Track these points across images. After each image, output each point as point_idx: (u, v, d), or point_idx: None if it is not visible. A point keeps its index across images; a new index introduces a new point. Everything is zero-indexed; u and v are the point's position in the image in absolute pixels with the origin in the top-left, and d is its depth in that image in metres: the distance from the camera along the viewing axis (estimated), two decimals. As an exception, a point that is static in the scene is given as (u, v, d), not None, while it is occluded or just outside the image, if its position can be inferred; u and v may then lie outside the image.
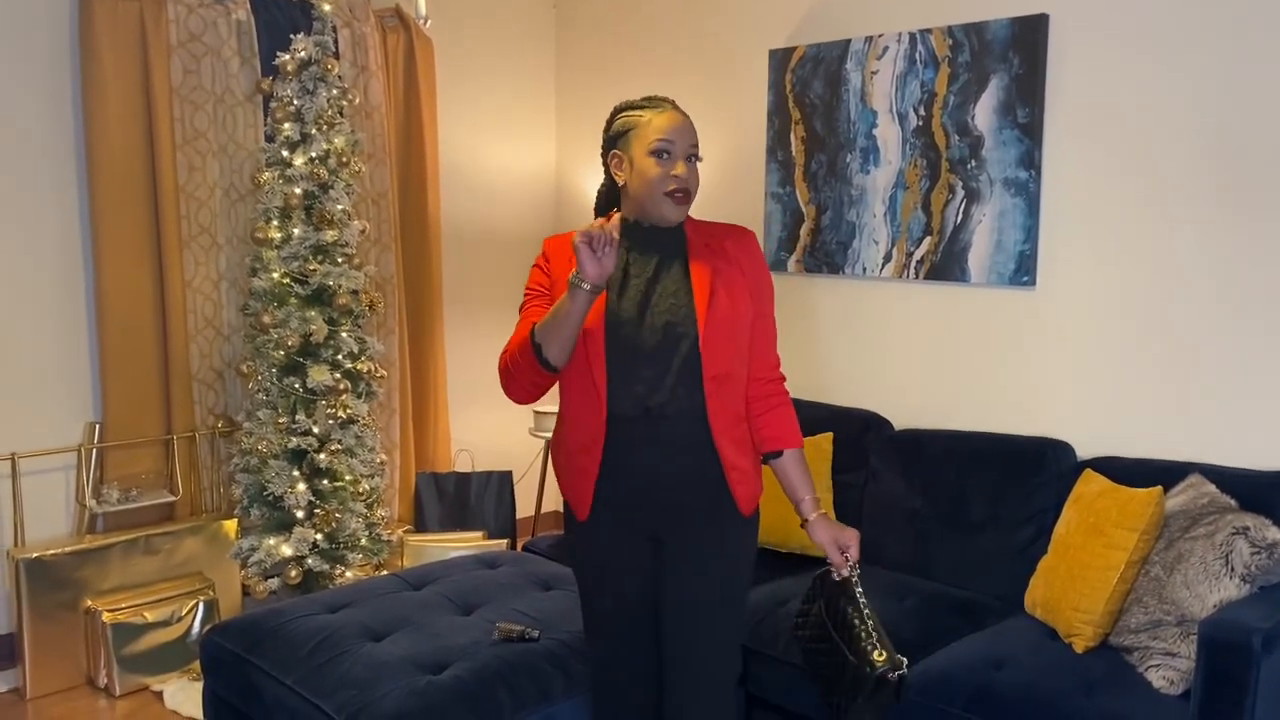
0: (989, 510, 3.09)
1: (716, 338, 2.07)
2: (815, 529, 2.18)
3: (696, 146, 2.10)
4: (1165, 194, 2.96)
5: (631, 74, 4.44)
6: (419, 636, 2.54)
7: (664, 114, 2.09)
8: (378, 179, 4.11)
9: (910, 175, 3.49)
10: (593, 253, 1.88)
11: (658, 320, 2.07)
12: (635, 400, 2.06)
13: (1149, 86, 2.97)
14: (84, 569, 3.40)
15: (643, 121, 2.08)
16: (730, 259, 2.14)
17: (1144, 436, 3.01)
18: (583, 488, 2.12)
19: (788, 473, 2.19)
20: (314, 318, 3.42)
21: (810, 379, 3.80)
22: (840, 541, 2.18)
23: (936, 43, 3.38)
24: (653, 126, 2.07)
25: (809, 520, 2.18)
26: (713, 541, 2.13)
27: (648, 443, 2.08)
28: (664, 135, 2.06)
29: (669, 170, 2.06)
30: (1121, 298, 3.07)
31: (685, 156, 2.08)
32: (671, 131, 2.06)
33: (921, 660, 2.59)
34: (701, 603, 2.14)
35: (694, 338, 2.06)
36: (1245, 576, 2.41)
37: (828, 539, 2.17)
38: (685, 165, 2.08)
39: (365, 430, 3.55)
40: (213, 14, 3.69)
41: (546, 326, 1.99)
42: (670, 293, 2.09)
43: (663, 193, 2.06)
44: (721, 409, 2.09)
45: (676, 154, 2.07)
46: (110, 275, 3.52)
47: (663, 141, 2.06)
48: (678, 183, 2.06)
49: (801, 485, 2.18)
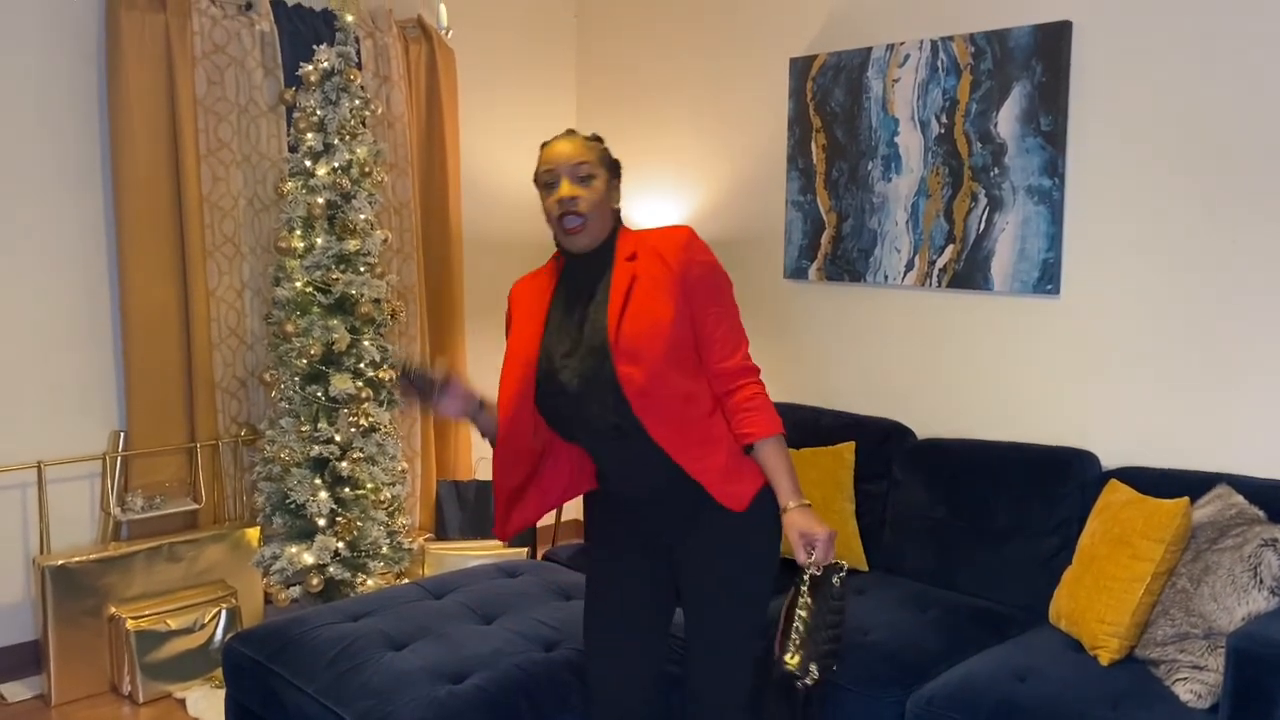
0: (1013, 520, 3.06)
1: (629, 351, 2.00)
2: (789, 521, 2.06)
3: (586, 163, 2.05)
4: (1191, 201, 2.93)
5: (652, 83, 4.45)
6: (439, 646, 2.54)
7: (551, 146, 2.09)
8: (400, 188, 4.13)
9: (932, 183, 3.47)
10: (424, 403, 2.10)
11: (586, 354, 2.06)
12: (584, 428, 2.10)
13: (1173, 93, 2.95)
14: (108, 576, 3.43)
15: (539, 157, 2.10)
16: (655, 261, 2.06)
17: (1170, 446, 2.98)
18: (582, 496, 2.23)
19: (765, 463, 2.08)
20: (336, 326, 3.43)
21: (832, 387, 3.78)
22: (808, 537, 2.03)
23: (959, 50, 3.36)
24: (540, 160, 2.09)
25: (786, 509, 2.06)
26: (712, 544, 2.13)
27: (610, 461, 2.15)
28: (545, 165, 2.07)
29: (554, 197, 2.05)
30: (1147, 306, 3.04)
31: (571, 177, 2.05)
32: (550, 160, 2.06)
33: (944, 672, 2.57)
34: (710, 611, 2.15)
35: (609, 355, 2.02)
36: (1274, 589, 2.38)
37: (795, 534, 2.04)
38: (570, 185, 2.04)
39: (387, 438, 3.56)
40: (237, 25, 3.72)
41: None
42: (593, 318, 2.07)
43: (555, 222, 2.06)
44: (659, 420, 2.02)
45: (559, 179, 2.05)
46: (135, 284, 3.55)
47: (545, 172, 2.07)
48: (561, 206, 2.04)
49: (778, 474, 2.07)
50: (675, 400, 2.03)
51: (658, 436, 2.02)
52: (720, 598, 2.14)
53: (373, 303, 3.50)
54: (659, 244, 2.08)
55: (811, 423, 3.54)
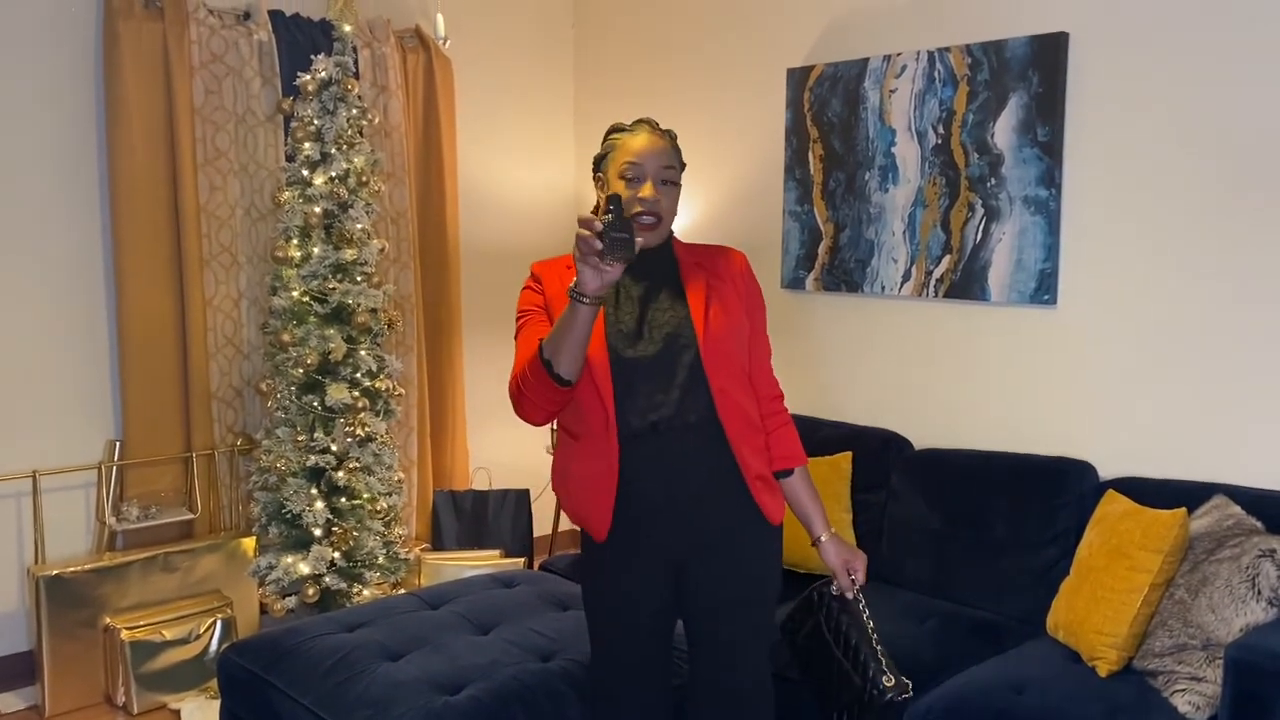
0: (1010, 531, 3.06)
1: (717, 349, 2.06)
2: (826, 550, 2.17)
3: (672, 169, 2.07)
4: (1188, 212, 2.94)
5: (649, 92, 4.45)
6: (436, 656, 2.53)
7: (637, 136, 2.07)
8: (397, 198, 4.13)
9: (929, 193, 3.47)
10: (591, 266, 1.80)
11: (657, 334, 2.05)
12: (642, 416, 2.04)
13: (1170, 104, 2.95)
14: (103, 586, 3.41)
15: (619, 144, 2.08)
16: (723, 277, 2.14)
17: (1167, 457, 2.98)
18: (601, 507, 2.07)
19: (797, 491, 2.18)
20: (333, 336, 3.43)
21: (829, 398, 3.78)
22: (850, 565, 2.17)
23: (955, 61, 3.37)
24: (624, 149, 2.06)
25: (820, 540, 2.17)
26: (742, 558, 2.11)
27: (661, 459, 2.05)
28: (633, 158, 2.04)
29: (636, 193, 2.04)
30: (1144, 316, 3.04)
31: (656, 179, 2.05)
32: (640, 154, 2.04)
33: (941, 683, 2.57)
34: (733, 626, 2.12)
35: (695, 349, 2.05)
36: (1272, 600, 2.38)
37: (838, 562, 2.17)
38: (654, 188, 2.05)
39: (383, 448, 3.55)
40: (235, 35, 3.72)
41: (554, 340, 1.91)
42: (666, 307, 2.08)
43: (629, 216, 2.04)
44: (734, 416, 2.07)
45: (645, 176, 2.05)
46: (131, 293, 3.54)
47: (631, 165, 2.04)
48: (643, 205, 2.04)
49: (812, 504, 2.18)
50: (746, 403, 2.10)
51: (732, 433, 2.06)
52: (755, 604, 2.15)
53: (369, 312, 3.49)
54: (721, 261, 2.17)
55: (809, 433, 3.50)
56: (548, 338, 1.94)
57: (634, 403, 2.04)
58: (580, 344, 1.91)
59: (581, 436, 2.09)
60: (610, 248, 1.77)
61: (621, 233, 1.77)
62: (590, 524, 2.11)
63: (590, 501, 2.09)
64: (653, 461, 2.06)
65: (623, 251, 1.77)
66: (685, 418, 2.05)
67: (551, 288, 2.11)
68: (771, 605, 2.18)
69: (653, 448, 2.05)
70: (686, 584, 2.13)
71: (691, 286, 2.10)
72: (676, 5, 4.33)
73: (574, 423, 2.10)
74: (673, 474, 2.07)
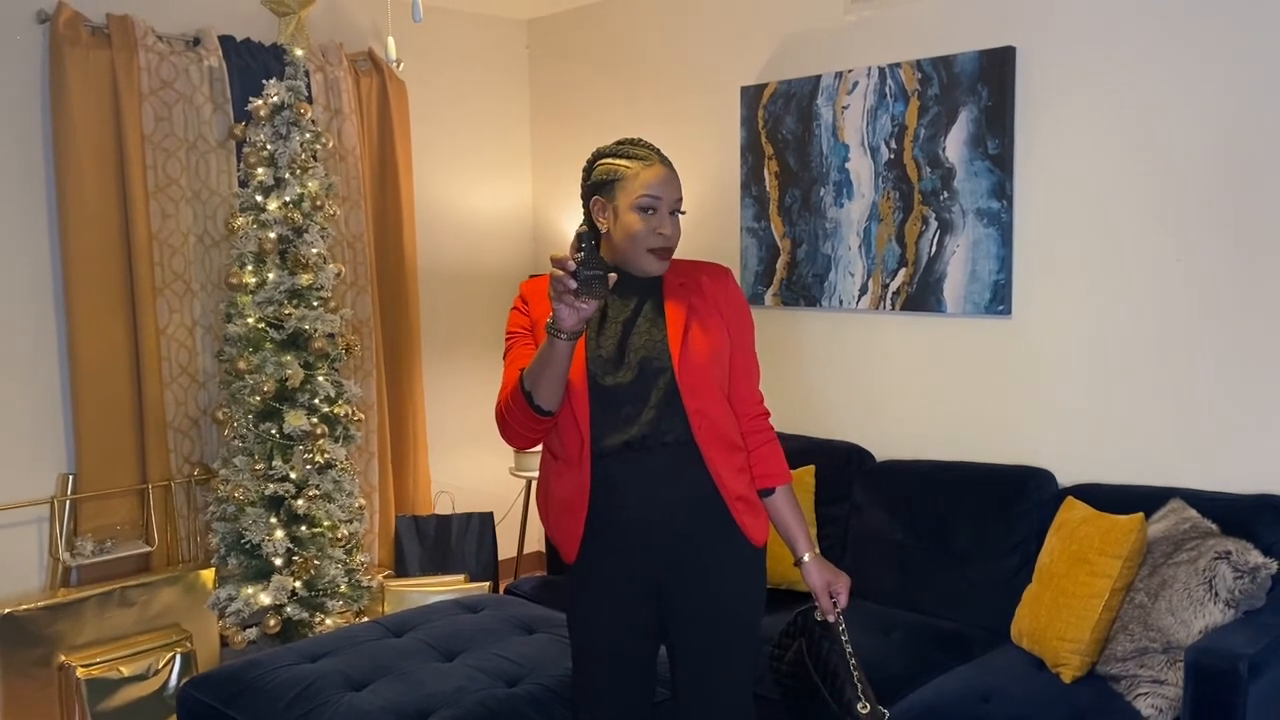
0: (972, 540, 3.08)
1: (694, 371, 2.06)
2: (809, 571, 2.15)
3: (681, 200, 2.10)
4: (1136, 220, 2.99)
5: (606, 112, 4.47)
6: (400, 685, 2.50)
7: (651, 168, 2.07)
8: (353, 221, 4.11)
9: (884, 208, 3.51)
10: (567, 304, 1.81)
11: (634, 358, 2.06)
12: (616, 435, 2.04)
13: (1116, 115, 3.01)
14: (57, 624, 3.34)
15: (630, 173, 2.06)
16: (706, 295, 2.14)
17: (1124, 463, 3.02)
18: (571, 528, 2.08)
19: (780, 510, 2.16)
20: (290, 362, 3.39)
21: (791, 411, 3.79)
22: (832, 587, 2.15)
23: (906, 77, 3.41)
24: (639, 180, 2.05)
25: (803, 560, 2.15)
26: (723, 579, 2.10)
27: (635, 477, 2.05)
28: (650, 191, 2.05)
29: (654, 227, 2.05)
30: (1097, 325, 3.09)
31: (670, 211, 2.07)
32: (658, 187, 2.05)
33: (909, 695, 2.57)
34: (714, 648, 2.10)
35: (670, 372, 2.05)
36: (1229, 601, 2.41)
37: (820, 583, 2.14)
38: (670, 219, 2.07)
39: (343, 475, 3.51)
40: (185, 61, 3.68)
41: (533, 373, 1.95)
42: (645, 330, 2.09)
43: (646, 249, 2.05)
44: (711, 438, 2.06)
45: (662, 209, 2.06)
46: (83, 323, 3.48)
47: (649, 197, 2.05)
48: (662, 240, 2.06)
49: (795, 523, 2.16)
50: (724, 423, 2.09)
51: (709, 454, 2.06)
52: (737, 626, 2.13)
53: (326, 337, 3.46)
54: (705, 279, 2.16)
55: (771, 448, 3.54)
56: (528, 369, 1.97)
57: (610, 424, 2.05)
58: (560, 377, 1.94)
59: (560, 458, 2.11)
60: (585, 286, 1.78)
61: (595, 270, 1.78)
62: (562, 542, 2.12)
63: (563, 521, 2.11)
64: (626, 480, 2.06)
65: (597, 288, 1.79)
66: (661, 438, 2.05)
67: (539, 308, 2.11)
68: (754, 627, 2.16)
69: (627, 466, 2.05)
70: (666, 605, 2.12)
71: (672, 308, 2.10)
72: (631, 25, 4.35)
73: (555, 444, 2.12)
74: (647, 491, 2.07)
